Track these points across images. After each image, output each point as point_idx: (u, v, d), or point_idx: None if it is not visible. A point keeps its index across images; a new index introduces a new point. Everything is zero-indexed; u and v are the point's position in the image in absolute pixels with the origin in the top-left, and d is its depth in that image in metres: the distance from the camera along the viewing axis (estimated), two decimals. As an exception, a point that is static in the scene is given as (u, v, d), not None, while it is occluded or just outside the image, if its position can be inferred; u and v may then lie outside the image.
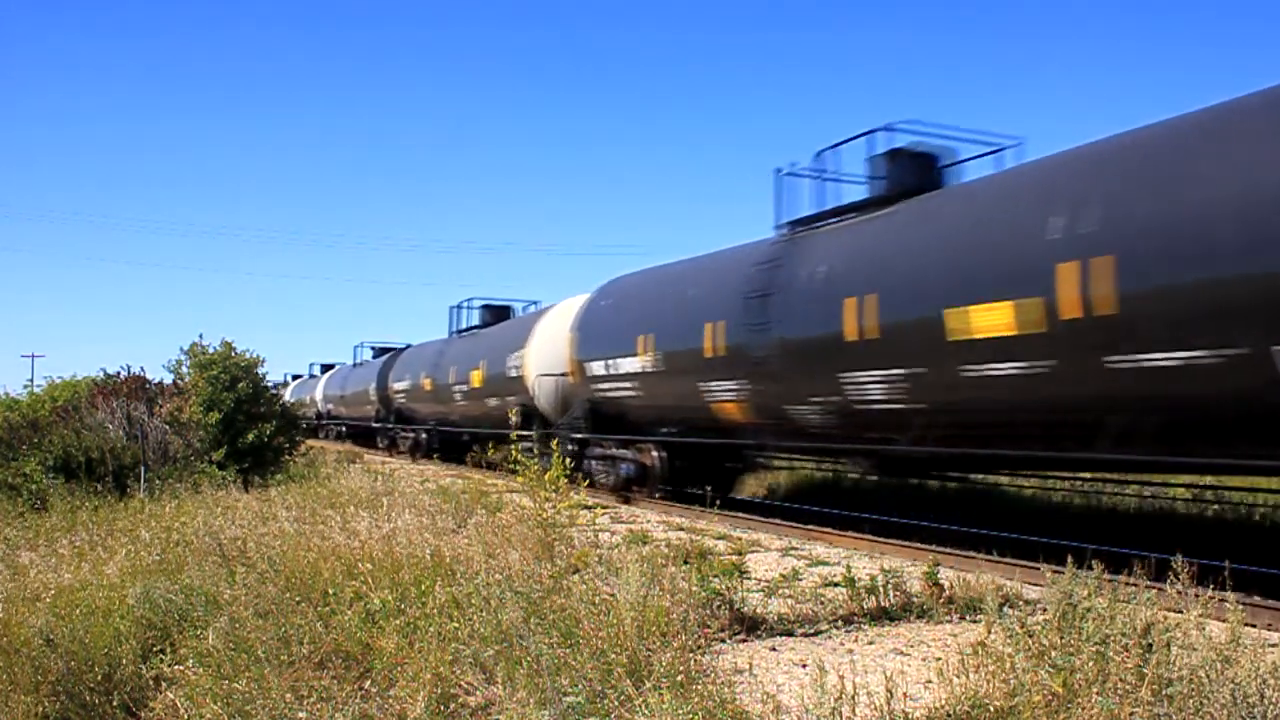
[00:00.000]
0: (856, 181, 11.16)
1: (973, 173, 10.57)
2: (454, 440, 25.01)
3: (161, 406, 18.11)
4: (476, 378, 21.68)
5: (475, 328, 24.39)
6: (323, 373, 47.59)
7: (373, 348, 37.48)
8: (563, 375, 17.66)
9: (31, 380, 41.02)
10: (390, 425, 30.34)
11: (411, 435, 28.20)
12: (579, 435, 15.98)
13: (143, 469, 15.99)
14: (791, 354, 10.80)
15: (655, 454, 14.16)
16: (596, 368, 15.64)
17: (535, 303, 22.59)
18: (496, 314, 24.15)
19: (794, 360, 10.79)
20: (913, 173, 10.50)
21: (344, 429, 38.91)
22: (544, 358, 18.33)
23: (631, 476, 14.45)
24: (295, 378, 57.88)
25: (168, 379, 18.88)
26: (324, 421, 42.10)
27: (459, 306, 25.38)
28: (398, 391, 29.17)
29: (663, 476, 14.10)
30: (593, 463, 15.43)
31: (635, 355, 14.29)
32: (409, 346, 32.05)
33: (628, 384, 14.75)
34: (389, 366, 30.98)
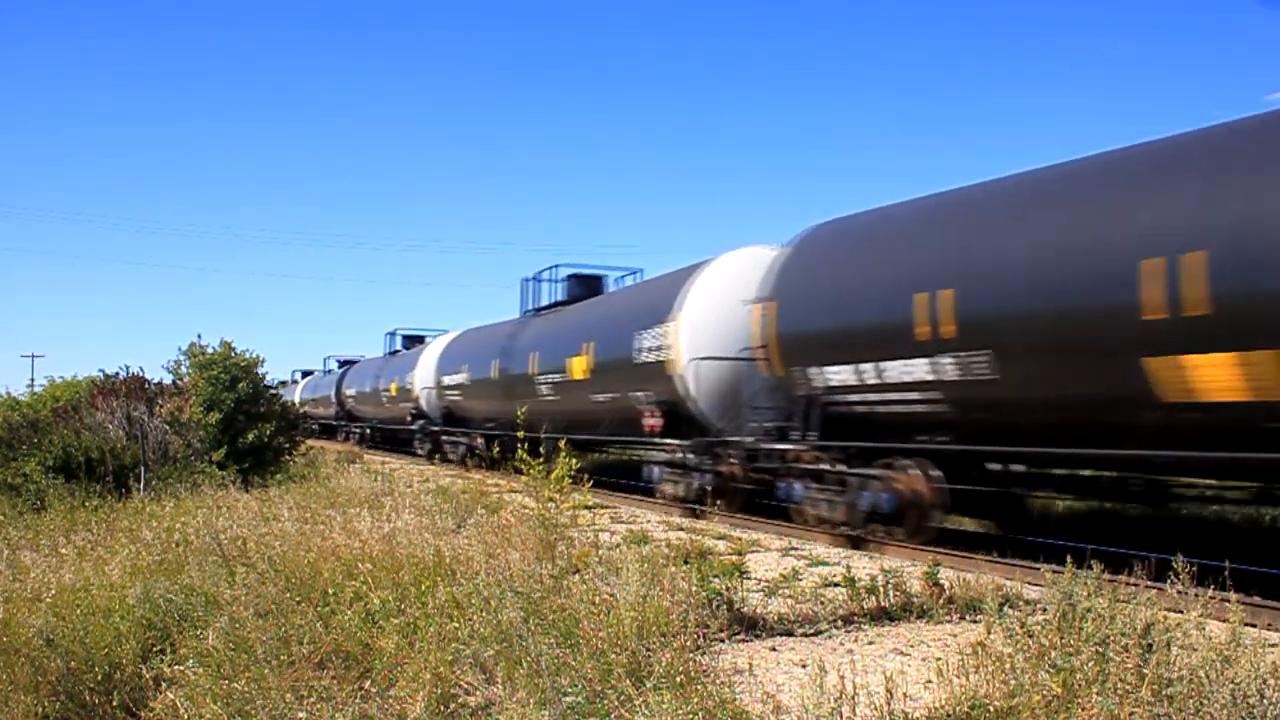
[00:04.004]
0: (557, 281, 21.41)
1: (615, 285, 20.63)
2: (386, 434, 34.10)
3: (161, 406, 18.09)
4: (394, 388, 30.13)
5: (400, 350, 33.73)
6: (302, 378, 56.54)
7: (337, 360, 47.40)
8: (431, 389, 26.20)
9: (32, 380, 41.18)
10: (344, 423, 40.28)
11: (358, 430, 38.09)
12: (435, 428, 26.13)
13: (143, 469, 15.99)
14: (515, 382, 20.24)
15: (481, 440, 23.10)
16: (444, 383, 25.91)
17: (441, 330, 31.13)
18: (411, 341, 33.97)
19: (516, 385, 20.12)
20: (584, 287, 20.43)
21: (315, 426, 46.01)
22: (427, 379, 26.68)
23: (465, 456, 23.50)
24: (282, 383, 60.68)
25: (167, 379, 18.89)
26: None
27: (391, 334, 35.88)
28: (348, 396, 38.51)
29: (487, 458, 21.16)
30: (446, 447, 25.76)
31: (460, 374, 24.15)
32: (355, 362, 41.97)
33: (456, 394, 24.70)
34: (343, 376, 40.64)
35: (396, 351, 34.42)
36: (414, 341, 33.61)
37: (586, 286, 20.38)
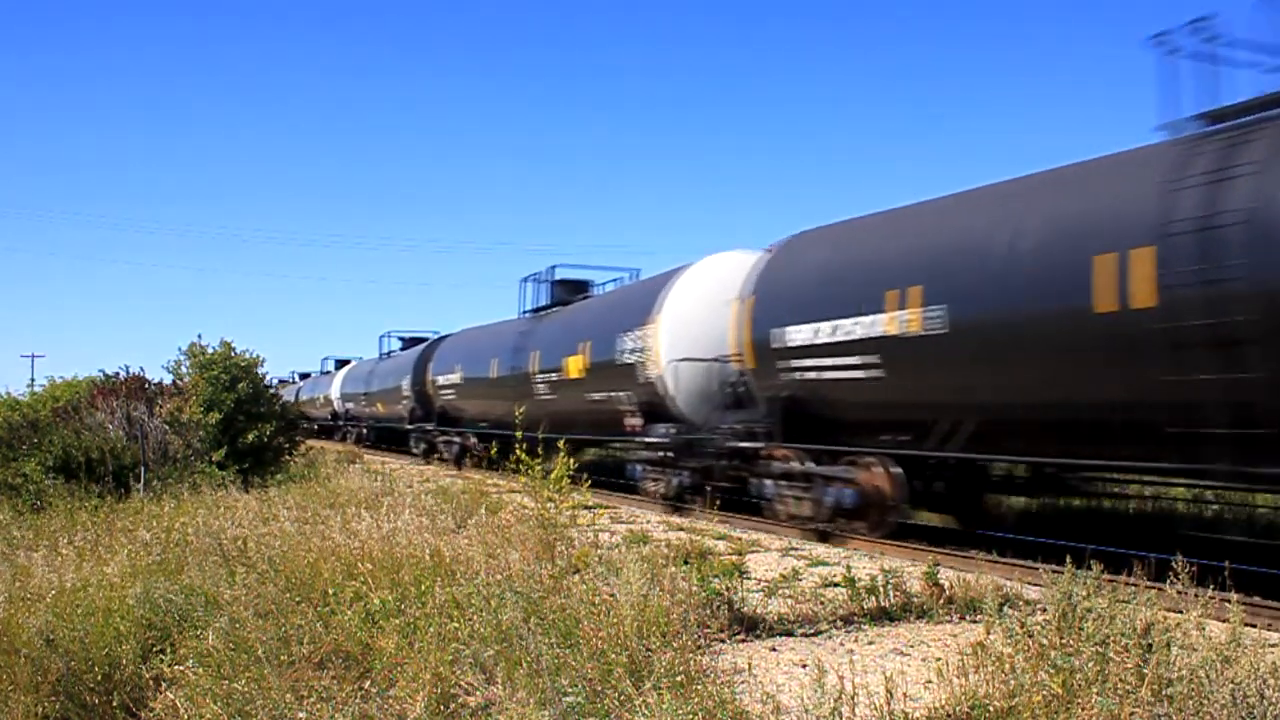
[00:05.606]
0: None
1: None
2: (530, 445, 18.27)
3: (161, 407, 18.08)
4: (574, 366, 17.00)
5: (547, 306, 20.35)
6: (337, 368, 44.02)
7: (401, 338, 34.14)
8: (717, 360, 13.51)
9: (32, 380, 41.07)
10: (429, 427, 25.88)
11: (457, 440, 23.80)
12: (744, 445, 11.98)
13: (143, 469, 15.97)
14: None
15: (882, 470, 10.12)
16: (795, 340, 11.06)
17: (635, 271, 19.21)
18: (573, 289, 20.26)
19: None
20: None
21: (364, 430, 35.72)
22: (681, 338, 14.08)
23: (846, 507, 10.32)
24: (304, 376, 56.65)
25: (168, 379, 18.89)
26: (341, 423, 39.25)
27: (535, 278, 20.75)
28: (441, 387, 24.74)
29: (896, 505, 10.10)
30: (767, 483, 11.61)
31: (884, 312, 9.80)
32: (446, 336, 28.07)
33: (862, 366, 10.17)
34: (427, 358, 26.71)
35: (546, 308, 20.29)
36: (577, 289, 20.18)
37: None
